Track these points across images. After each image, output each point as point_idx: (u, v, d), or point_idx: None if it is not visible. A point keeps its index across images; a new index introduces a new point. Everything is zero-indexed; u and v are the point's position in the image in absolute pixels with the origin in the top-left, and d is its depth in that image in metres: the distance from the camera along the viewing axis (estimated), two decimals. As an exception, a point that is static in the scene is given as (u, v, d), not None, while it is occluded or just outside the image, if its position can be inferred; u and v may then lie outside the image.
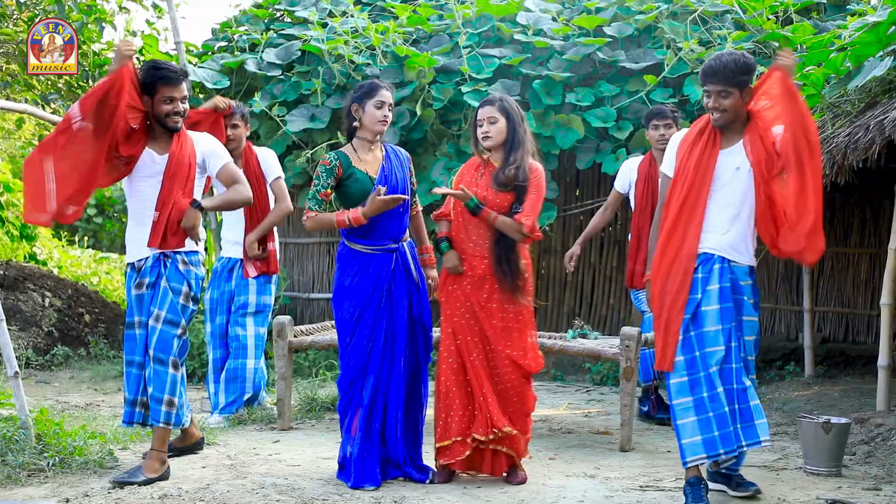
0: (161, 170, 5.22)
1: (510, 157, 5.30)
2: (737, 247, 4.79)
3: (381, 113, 5.26)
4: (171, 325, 5.18)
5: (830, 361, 9.29)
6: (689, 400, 4.67)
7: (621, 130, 8.79)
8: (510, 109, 5.34)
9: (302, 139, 9.59)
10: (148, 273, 5.25)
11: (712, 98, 4.73)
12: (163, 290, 5.20)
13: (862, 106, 6.63)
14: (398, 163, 5.39)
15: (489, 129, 5.31)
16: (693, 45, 8.73)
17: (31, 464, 5.22)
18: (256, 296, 6.90)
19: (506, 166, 5.29)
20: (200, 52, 10.86)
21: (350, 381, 5.26)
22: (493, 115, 5.31)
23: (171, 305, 5.19)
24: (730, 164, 4.74)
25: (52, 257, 13.67)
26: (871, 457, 5.89)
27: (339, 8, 10.30)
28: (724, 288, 4.72)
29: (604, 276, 9.84)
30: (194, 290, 5.30)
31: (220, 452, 5.89)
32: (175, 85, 5.20)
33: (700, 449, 4.63)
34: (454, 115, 9.32)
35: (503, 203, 5.28)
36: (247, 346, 6.84)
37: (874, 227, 9.59)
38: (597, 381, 9.20)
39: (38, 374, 9.12)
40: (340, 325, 5.33)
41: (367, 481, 5.11)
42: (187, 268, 5.28)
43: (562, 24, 9.55)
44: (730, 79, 4.68)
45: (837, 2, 9.57)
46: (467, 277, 5.35)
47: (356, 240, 5.29)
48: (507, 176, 5.26)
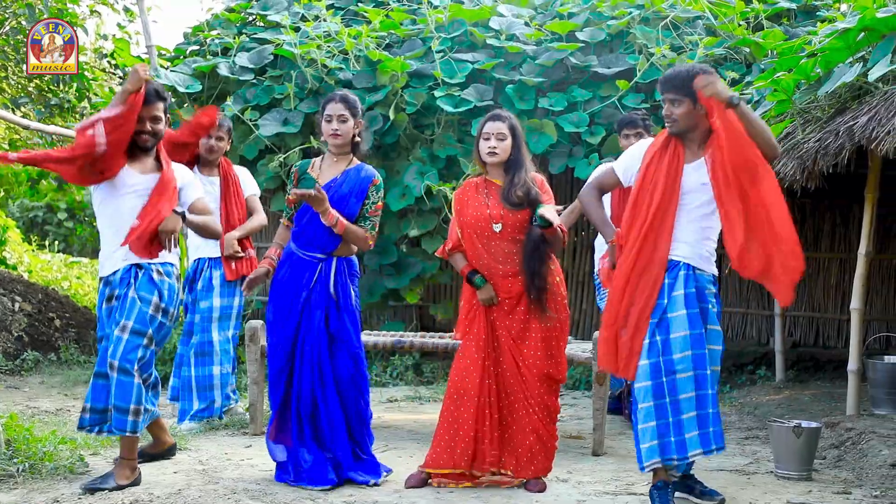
0: (141, 188, 5.18)
1: (515, 177, 5.28)
2: (703, 256, 4.81)
3: (329, 127, 5.32)
4: (137, 336, 5.11)
5: (801, 366, 9.35)
6: (651, 405, 4.68)
7: (594, 135, 8.82)
8: (516, 128, 5.35)
9: (274, 143, 9.56)
10: (118, 285, 5.22)
11: (666, 105, 4.80)
12: (130, 300, 5.14)
13: (832, 112, 6.68)
14: (355, 182, 5.35)
15: (497, 144, 5.28)
16: (665, 50, 8.78)
17: (1, 470, 5.17)
18: (220, 298, 6.88)
19: (512, 187, 5.26)
20: (172, 56, 10.81)
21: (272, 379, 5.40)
22: (503, 131, 5.29)
23: (139, 314, 5.12)
24: (696, 179, 4.76)
25: (23, 261, 13.59)
26: (842, 461, 5.93)
27: (311, 12, 10.28)
28: (689, 294, 4.73)
29: (576, 281, 9.86)
30: (165, 302, 5.23)
31: (192, 458, 5.86)
32: (147, 104, 5.15)
33: (656, 453, 4.64)
34: (427, 119, 9.32)
35: (522, 219, 5.26)
36: (212, 353, 6.82)
37: (844, 232, 9.67)
38: (569, 386, 9.21)
39: (7, 379, 9.04)
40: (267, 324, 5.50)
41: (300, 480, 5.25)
42: (161, 278, 5.24)
43: (534, 29, 9.57)
44: (680, 87, 4.72)
45: (808, 8, 9.65)
46: (501, 303, 5.32)
47: (292, 241, 5.42)
48: (519, 196, 5.24)
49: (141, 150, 5.22)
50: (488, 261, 5.31)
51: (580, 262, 9.88)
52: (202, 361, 6.81)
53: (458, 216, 5.39)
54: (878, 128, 5.95)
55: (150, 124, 5.18)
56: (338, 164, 5.39)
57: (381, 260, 9.50)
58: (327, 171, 5.38)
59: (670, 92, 4.75)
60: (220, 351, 6.84)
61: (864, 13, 6.39)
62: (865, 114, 6.16)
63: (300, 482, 5.20)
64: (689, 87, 4.69)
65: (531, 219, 5.23)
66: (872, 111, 6.11)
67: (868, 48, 6.51)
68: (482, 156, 5.34)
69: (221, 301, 6.89)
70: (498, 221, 5.26)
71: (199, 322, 6.86)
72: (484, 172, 5.42)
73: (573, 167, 8.98)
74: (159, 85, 5.33)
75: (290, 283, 5.34)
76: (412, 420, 7.30)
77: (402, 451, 6.20)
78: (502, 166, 5.34)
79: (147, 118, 5.17)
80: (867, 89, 6.47)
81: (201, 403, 6.80)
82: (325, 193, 5.16)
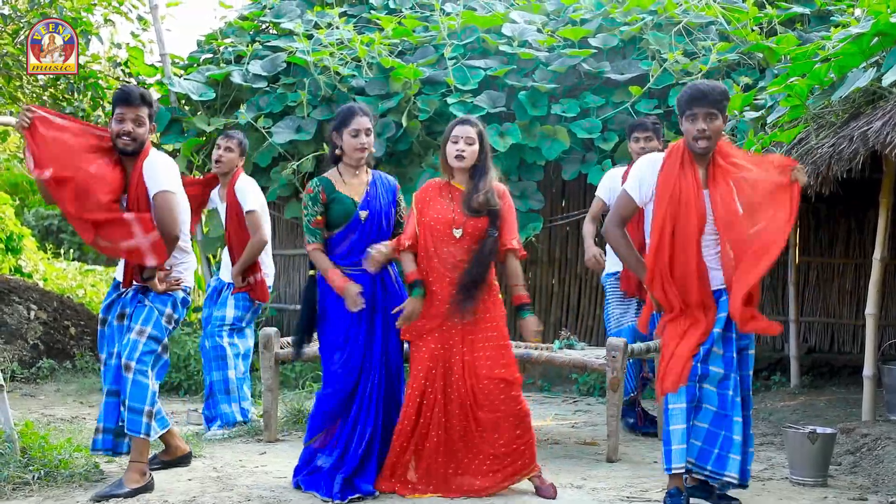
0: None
1: (479, 183, 5.25)
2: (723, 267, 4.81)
3: (357, 141, 5.28)
4: (153, 342, 5.19)
5: (816, 372, 9.31)
6: (683, 406, 4.68)
7: (607, 141, 8.82)
8: (484, 135, 5.33)
9: (288, 151, 9.58)
10: (128, 304, 5.27)
11: (699, 121, 4.70)
12: (148, 309, 5.21)
13: (846, 117, 6.65)
14: (384, 190, 5.42)
15: (466, 148, 5.23)
16: (678, 56, 8.77)
17: (17, 477, 5.19)
18: (234, 310, 6.87)
19: (475, 192, 5.23)
20: (186, 64, 10.86)
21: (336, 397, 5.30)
22: (472, 136, 5.25)
23: (156, 322, 5.19)
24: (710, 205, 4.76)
25: (38, 270, 13.63)
26: (857, 467, 5.91)
27: (324, 20, 10.31)
28: (723, 317, 4.74)
29: (590, 287, 9.84)
30: (178, 313, 5.32)
31: (207, 465, 5.87)
32: (127, 105, 5.12)
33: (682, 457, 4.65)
34: (440, 126, 9.32)
35: (479, 226, 5.22)
36: (226, 357, 6.82)
37: (859, 238, 9.63)
38: (583, 392, 9.20)
39: (23, 387, 9.08)
40: (324, 346, 5.42)
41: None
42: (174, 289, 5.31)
43: (547, 36, 9.57)
44: (716, 102, 4.69)
45: (821, 13, 9.62)
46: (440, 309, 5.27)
47: (338, 260, 5.33)
48: (480, 202, 5.21)
49: (119, 151, 5.15)
50: (437, 265, 5.26)
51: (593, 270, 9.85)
52: (218, 366, 6.82)
53: (419, 215, 5.30)
54: (893, 132, 5.93)
55: (131, 125, 5.10)
56: (359, 176, 5.39)
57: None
58: (356, 186, 5.36)
59: (708, 106, 4.69)
60: (233, 355, 6.85)
61: (878, 18, 6.36)
62: (879, 119, 6.14)
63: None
64: (723, 103, 4.70)
65: (487, 229, 5.23)
66: (887, 116, 6.09)
67: (882, 53, 6.49)
68: (449, 159, 5.29)
69: (234, 313, 6.88)
70: (459, 227, 5.21)
71: (211, 328, 6.86)
72: (449, 177, 5.39)
73: (586, 173, 8.98)
74: (145, 90, 5.30)
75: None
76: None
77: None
78: (468, 172, 5.31)
79: (129, 118, 5.10)
80: (881, 94, 6.45)
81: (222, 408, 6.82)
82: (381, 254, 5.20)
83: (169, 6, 11.08)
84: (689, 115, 4.73)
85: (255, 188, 6.84)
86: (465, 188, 5.29)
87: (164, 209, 5.13)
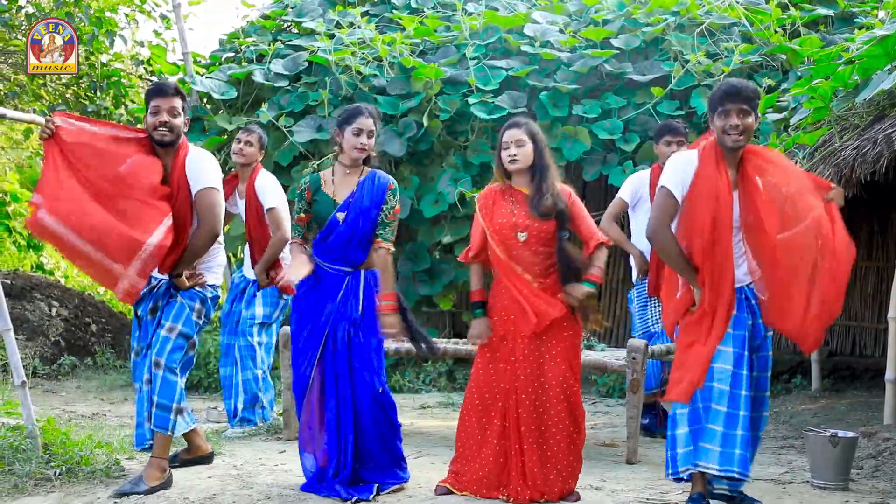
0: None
1: (541, 185, 5.16)
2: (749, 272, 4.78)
3: (358, 140, 5.20)
4: (183, 338, 5.19)
5: (837, 375, 9.27)
6: (686, 411, 4.66)
7: (628, 143, 8.80)
8: (536, 133, 5.22)
9: (309, 150, 9.60)
10: (161, 298, 5.27)
11: (733, 117, 4.62)
12: (179, 305, 5.22)
13: (870, 119, 6.63)
14: (371, 190, 5.26)
15: (517, 151, 5.14)
16: (700, 57, 8.75)
17: (38, 473, 5.22)
18: (263, 307, 6.90)
19: (539, 195, 5.14)
20: (208, 63, 10.89)
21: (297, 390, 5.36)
22: (521, 138, 5.16)
23: (186, 319, 5.20)
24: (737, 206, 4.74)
25: (59, 267, 13.71)
26: (879, 471, 5.87)
27: (346, 19, 10.33)
28: (739, 316, 4.70)
29: (609, 288, 9.83)
30: (207, 308, 5.32)
31: (227, 462, 5.89)
32: (162, 95, 5.13)
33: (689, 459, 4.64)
34: (461, 126, 9.34)
35: (549, 230, 5.14)
36: (256, 357, 6.83)
37: (881, 241, 9.59)
38: (603, 394, 9.19)
39: (44, 383, 9.13)
40: (292, 336, 5.44)
41: None
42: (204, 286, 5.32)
43: (569, 36, 9.56)
44: (749, 99, 4.65)
45: (845, 15, 9.58)
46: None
47: (316, 255, 5.30)
48: (548, 206, 5.12)
49: (157, 143, 5.14)
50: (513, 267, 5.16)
51: (613, 269, 9.84)
52: (244, 365, 6.84)
53: (485, 221, 5.23)
54: (917, 135, 5.91)
55: (167, 115, 5.10)
56: (350, 176, 5.29)
57: (414, 266, 9.51)
58: (342, 187, 5.27)
59: (741, 102, 4.62)
60: (261, 354, 6.88)
61: (903, 20, 6.35)
62: (903, 121, 6.12)
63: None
64: (755, 101, 4.67)
65: (555, 231, 5.17)
66: (911, 118, 6.08)
67: (906, 55, 6.47)
68: (504, 164, 5.21)
69: (264, 310, 6.91)
70: (524, 230, 5.15)
71: (241, 326, 6.87)
72: (507, 182, 5.30)
73: (607, 174, 8.97)
74: (176, 83, 5.31)
75: (317, 296, 5.27)
76: (445, 427, 7.30)
77: (435, 457, 6.20)
78: (527, 173, 5.22)
79: (164, 110, 5.10)
80: (905, 97, 6.43)
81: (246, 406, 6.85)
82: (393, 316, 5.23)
83: (191, 4, 11.15)
84: (721, 111, 4.66)
85: (274, 185, 6.74)
86: (529, 191, 5.21)
87: (209, 206, 5.11)
